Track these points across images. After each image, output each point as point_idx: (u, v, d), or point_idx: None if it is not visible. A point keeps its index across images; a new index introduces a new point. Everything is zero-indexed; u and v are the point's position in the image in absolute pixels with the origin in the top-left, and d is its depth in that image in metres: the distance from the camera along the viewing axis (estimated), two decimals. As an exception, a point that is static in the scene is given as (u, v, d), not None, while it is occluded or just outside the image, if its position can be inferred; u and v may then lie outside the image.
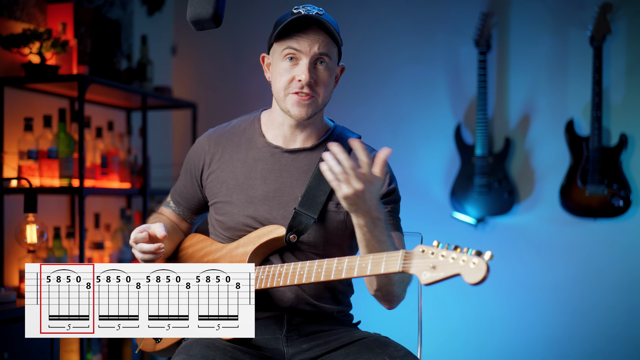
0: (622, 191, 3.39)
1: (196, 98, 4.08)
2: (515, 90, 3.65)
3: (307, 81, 1.78)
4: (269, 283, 1.73)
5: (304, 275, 1.67)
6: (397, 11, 3.83)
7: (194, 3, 1.68)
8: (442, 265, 1.47)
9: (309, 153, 1.88)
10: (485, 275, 1.43)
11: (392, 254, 1.54)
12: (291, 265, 1.71)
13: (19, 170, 2.93)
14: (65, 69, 3.07)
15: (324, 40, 1.80)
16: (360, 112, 3.83)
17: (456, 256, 1.46)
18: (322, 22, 1.78)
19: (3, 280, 2.91)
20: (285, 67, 1.81)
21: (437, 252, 1.48)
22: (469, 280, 1.44)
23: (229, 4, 3.67)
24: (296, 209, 1.81)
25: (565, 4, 3.58)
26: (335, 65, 1.86)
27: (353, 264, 1.60)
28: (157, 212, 2.11)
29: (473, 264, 1.44)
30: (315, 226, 1.83)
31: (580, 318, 3.53)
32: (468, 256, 1.45)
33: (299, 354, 1.81)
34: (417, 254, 1.51)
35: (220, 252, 1.88)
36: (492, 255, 1.44)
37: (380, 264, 1.55)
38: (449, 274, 1.46)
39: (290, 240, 1.80)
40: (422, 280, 1.48)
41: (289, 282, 1.70)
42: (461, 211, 3.63)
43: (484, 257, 1.44)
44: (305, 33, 1.79)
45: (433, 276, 1.47)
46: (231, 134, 1.94)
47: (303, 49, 1.78)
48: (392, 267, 1.53)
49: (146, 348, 1.91)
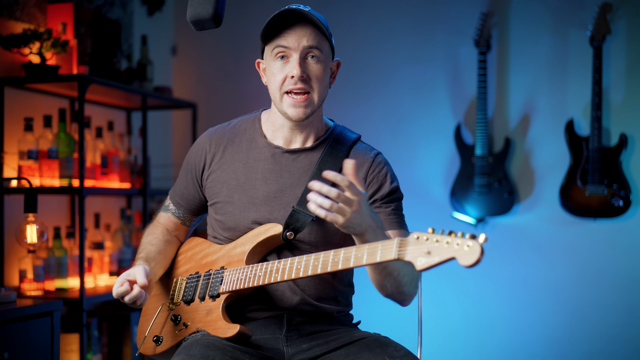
0: (622, 191, 3.39)
1: (196, 98, 4.08)
2: (515, 90, 3.65)
3: (299, 75, 1.78)
4: (266, 279, 1.73)
5: (300, 269, 1.67)
6: (397, 11, 3.83)
7: (194, 3, 1.68)
8: (437, 250, 1.47)
9: (309, 153, 1.88)
10: (479, 257, 1.43)
11: (387, 242, 1.55)
12: (288, 260, 1.71)
13: (19, 170, 2.93)
14: (65, 69, 3.07)
15: (312, 33, 1.80)
16: (360, 112, 3.83)
17: (450, 240, 1.46)
18: (306, 15, 1.78)
19: (3, 280, 2.91)
20: (278, 67, 1.81)
21: (432, 238, 1.48)
22: (464, 263, 1.44)
23: (229, 4, 3.68)
24: (294, 208, 1.81)
25: (565, 4, 3.58)
26: (328, 60, 1.85)
27: (349, 255, 1.60)
28: (154, 221, 2.07)
29: (467, 247, 1.44)
30: (315, 225, 1.83)
31: (580, 318, 3.53)
32: (462, 239, 1.45)
33: (299, 354, 1.81)
34: (411, 241, 1.51)
35: (218, 254, 1.88)
36: (486, 237, 1.45)
37: (375, 253, 1.56)
38: (444, 257, 1.46)
39: (287, 237, 1.80)
40: (417, 266, 1.48)
41: (286, 277, 1.70)
42: (461, 211, 3.63)
43: (478, 240, 1.44)
44: (292, 29, 1.79)
45: (428, 261, 1.47)
46: (232, 134, 1.94)
47: (291, 45, 1.79)
48: (387, 255, 1.54)
49: (146, 351, 1.91)
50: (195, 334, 1.81)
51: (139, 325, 1.97)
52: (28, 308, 2.42)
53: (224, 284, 1.80)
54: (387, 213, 1.85)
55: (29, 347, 2.40)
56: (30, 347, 2.41)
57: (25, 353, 2.38)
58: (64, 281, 2.98)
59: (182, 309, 1.87)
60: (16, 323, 2.36)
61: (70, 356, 3.00)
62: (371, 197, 1.86)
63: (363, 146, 1.93)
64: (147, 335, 1.90)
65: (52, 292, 2.94)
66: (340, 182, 1.59)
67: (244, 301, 1.84)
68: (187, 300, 1.86)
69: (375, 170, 1.88)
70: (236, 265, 1.82)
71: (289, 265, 1.70)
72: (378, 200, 1.86)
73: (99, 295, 3.06)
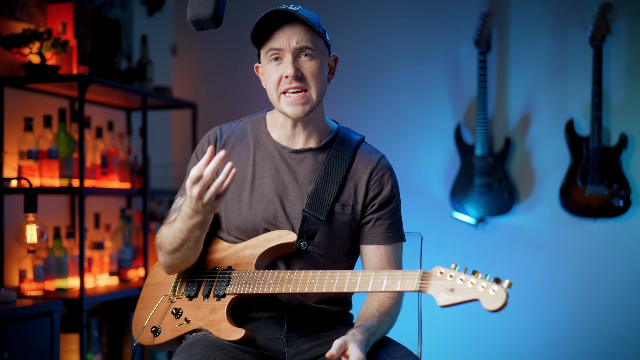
0: (622, 191, 3.39)
1: (196, 98, 4.08)
2: (515, 90, 3.65)
3: (294, 74, 1.79)
4: (277, 288, 1.73)
5: (315, 284, 1.68)
6: (397, 11, 3.83)
7: (194, 3, 1.68)
8: (460, 289, 1.49)
9: (315, 153, 1.89)
10: (504, 302, 1.45)
11: (408, 273, 1.57)
12: (302, 272, 1.71)
13: (19, 170, 2.93)
14: (65, 69, 3.07)
15: (302, 31, 1.80)
16: (360, 112, 3.83)
17: (475, 281, 1.48)
18: (293, 14, 1.78)
19: (3, 280, 2.91)
20: (272, 68, 1.83)
21: (456, 276, 1.50)
22: (488, 307, 1.46)
23: (229, 4, 3.68)
24: (305, 211, 1.81)
25: (565, 4, 3.58)
26: (323, 56, 1.85)
27: (368, 279, 1.62)
28: (165, 224, 1.93)
29: (493, 291, 1.46)
30: (322, 228, 1.83)
31: (581, 318, 3.53)
32: (487, 282, 1.47)
33: (300, 354, 1.81)
34: (435, 275, 1.52)
35: (226, 252, 1.87)
36: (510, 283, 1.47)
37: (396, 282, 1.58)
38: (467, 298, 1.48)
39: (301, 247, 1.80)
40: (439, 302, 1.50)
41: (299, 290, 1.70)
42: (461, 211, 3.63)
43: (503, 285, 1.46)
44: (281, 29, 1.80)
45: (450, 299, 1.49)
46: (239, 133, 1.95)
47: (283, 45, 1.80)
48: (408, 286, 1.56)
49: (144, 341, 1.88)
50: (196, 332, 1.81)
51: (136, 312, 1.93)
52: (28, 308, 2.42)
53: (232, 285, 1.79)
54: (386, 226, 1.88)
55: (29, 347, 2.40)
56: (30, 347, 2.41)
57: (25, 353, 2.38)
58: (64, 281, 2.98)
59: (184, 303, 1.84)
60: (16, 323, 2.36)
61: (70, 356, 2.99)
62: (371, 201, 1.88)
63: (367, 148, 1.94)
64: (145, 325, 1.88)
65: (52, 292, 2.93)
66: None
67: (245, 301, 1.84)
68: (190, 295, 1.83)
69: (378, 174, 1.89)
70: (244, 268, 1.81)
71: (302, 279, 1.70)
72: (376, 206, 1.88)
73: (99, 295, 3.06)
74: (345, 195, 1.86)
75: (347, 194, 1.86)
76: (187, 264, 1.83)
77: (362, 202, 1.87)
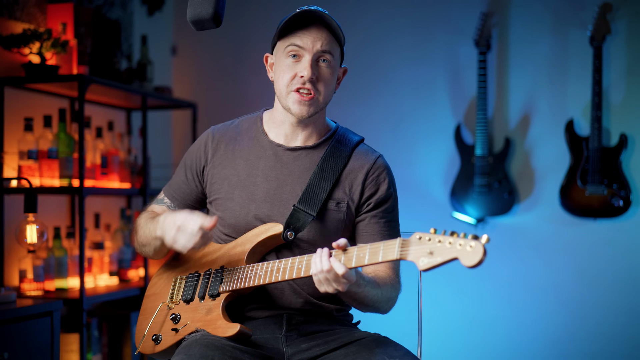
0: (622, 191, 3.39)
1: (196, 98, 4.08)
2: (515, 90, 3.65)
3: (309, 77, 1.80)
4: (267, 279, 1.74)
5: (302, 268, 1.69)
6: (397, 11, 3.83)
7: (194, 3, 1.69)
8: (439, 250, 1.48)
9: (310, 151, 1.89)
10: (482, 257, 1.44)
11: (389, 243, 1.56)
12: (289, 259, 1.72)
13: (19, 170, 2.93)
14: (65, 69, 3.07)
15: (327, 38, 1.82)
16: (360, 112, 3.83)
17: (453, 240, 1.47)
18: (325, 19, 1.81)
19: (3, 280, 2.91)
20: (288, 64, 1.83)
21: (434, 238, 1.49)
22: (466, 263, 1.45)
23: (229, 4, 3.67)
24: (295, 206, 1.82)
25: (565, 4, 3.58)
26: (337, 65, 1.88)
27: (351, 255, 1.62)
28: (146, 210, 2.02)
29: (470, 247, 1.45)
30: (315, 224, 1.84)
31: (580, 318, 3.53)
32: (465, 240, 1.46)
33: (299, 354, 1.82)
34: (414, 241, 1.52)
35: (218, 253, 1.89)
36: (488, 238, 1.46)
37: (377, 253, 1.57)
38: (446, 258, 1.47)
39: (288, 237, 1.81)
40: (420, 266, 1.49)
41: (287, 277, 1.71)
42: (461, 211, 3.63)
43: (481, 240, 1.45)
44: (308, 30, 1.81)
45: (430, 261, 1.48)
46: (234, 132, 1.95)
47: (306, 45, 1.81)
48: (390, 255, 1.55)
49: (145, 350, 1.91)
50: (194, 333, 1.81)
51: (138, 323, 1.97)
52: (28, 308, 2.42)
53: (224, 283, 1.81)
54: (382, 225, 1.88)
55: (29, 347, 2.40)
56: (30, 347, 2.41)
57: (25, 353, 2.38)
58: (64, 281, 2.98)
59: (182, 308, 1.87)
60: (16, 323, 2.36)
61: (70, 356, 3.00)
62: (367, 200, 1.88)
63: (365, 148, 1.94)
64: (145, 334, 1.90)
65: (52, 292, 2.94)
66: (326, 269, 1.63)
67: (244, 300, 1.85)
68: (187, 299, 1.86)
69: (374, 173, 1.89)
70: (236, 265, 1.82)
71: (290, 265, 1.71)
72: (372, 205, 1.88)
73: (99, 295, 3.06)
74: (341, 193, 1.86)
75: (342, 192, 1.86)
76: (159, 255, 1.94)
77: (358, 200, 1.87)
